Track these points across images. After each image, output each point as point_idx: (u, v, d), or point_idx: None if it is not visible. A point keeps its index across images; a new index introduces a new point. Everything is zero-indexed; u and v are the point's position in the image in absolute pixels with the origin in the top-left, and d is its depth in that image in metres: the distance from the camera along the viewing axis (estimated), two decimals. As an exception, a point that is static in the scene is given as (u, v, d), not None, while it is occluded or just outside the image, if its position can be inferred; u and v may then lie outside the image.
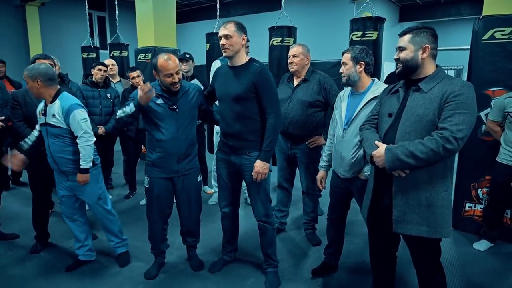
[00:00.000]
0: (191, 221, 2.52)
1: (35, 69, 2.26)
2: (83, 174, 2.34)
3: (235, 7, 9.94)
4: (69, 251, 2.81)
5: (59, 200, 2.52)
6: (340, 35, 7.50)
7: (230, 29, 2.14)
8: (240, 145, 2.26)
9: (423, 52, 1.63)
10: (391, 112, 1.72)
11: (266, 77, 2.18)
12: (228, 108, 2.24)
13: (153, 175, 2.36)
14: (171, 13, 5.54)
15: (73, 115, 2.26)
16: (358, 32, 3.58)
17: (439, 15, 9.97)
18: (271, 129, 2.19)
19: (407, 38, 1.66)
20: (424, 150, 1.53)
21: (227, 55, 2.21)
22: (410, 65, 1.65)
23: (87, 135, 2.31)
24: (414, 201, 1.64)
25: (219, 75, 2.34)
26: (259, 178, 2.23)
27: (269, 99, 2.19)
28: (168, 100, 2.27)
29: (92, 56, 6.60)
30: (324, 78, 2.77)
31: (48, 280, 2.46)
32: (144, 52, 5.37)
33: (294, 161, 2.95)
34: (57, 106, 2.29)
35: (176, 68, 2.20)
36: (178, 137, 2.28)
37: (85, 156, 2.31)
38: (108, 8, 10.30)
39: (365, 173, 2.10)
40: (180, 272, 2.56)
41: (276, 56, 4.34)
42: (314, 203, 3.03)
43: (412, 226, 1.64)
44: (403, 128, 1.64)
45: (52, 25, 8.95)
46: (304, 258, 2.79)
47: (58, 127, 2.29)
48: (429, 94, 1.60)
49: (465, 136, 1.53)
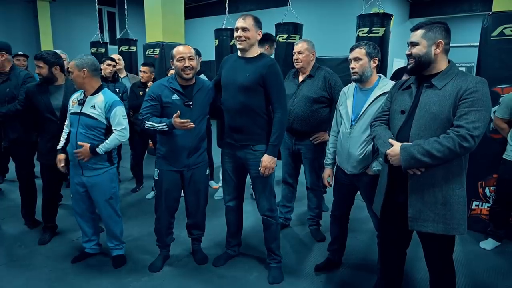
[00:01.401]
0: (199, 214, 2.55)
1: (83, 59, 2.32)
2: (90, 152, 2.30)
3: (244, 3, 9.93)
4: (76, 243, 2.86)
5: (71, 195, 2.55)
6: (348, 31, 7.43)
7: (248, 23, 2.16)
8: (244, 138, 2.27)
9: (436, 47, 1.61)
10: (403, 109, 1.70)
11: (276, 72, 2.19)
12: (232, 98, 2.24)
13: (163, 168, 2.39)
14: (179, 9, 5.56)
15: (116, 110, 2.33)
16: (364, 28, 3.55)
17: (450, 11, 9.81)
18: (278, 123, 2.20)
19: (420, 33, 1.64)
20: (440, 148, 1.51)
21: (242, 47, 2.21)
22: (423, 61, 1.63)
23: (125, 132, 2.38)
24: (430, 198, 1.62)
25: (227, 64, 2.35)
26: (266, 173, 2.24)
27: (277, 94, 2.20)
28: (183, 96, 2.30)
29: (101, 51, 6.66)
30: (329, 74, 2.76)
31: (55, 270, 2.51)
32: (153, 47, 5.40)
33: (298, 157, 2.96)
34: (100, 99, 2.34)
35: (188, 53, 2.25)
36: (191, 132, 2.30)
37: (107, 144, 2.33)
38: (118, 4, 10.38)
39: (374, 169, 2.09)
40: (185, 265, 2.60)
41: (282, 53, 4.33)
42: (319, 199, 3.03)
43: (429, 224, 1.63)
44: (417, 126, 1.62)
45: (63, 20, 9.06)
46: (308, 254, 2.80)
47: (95, 118, 2.32)
48: (443, 91, 1.58)
49: (481, 134, 1.51)
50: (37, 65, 2.65)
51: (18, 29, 8.19)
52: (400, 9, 9.63)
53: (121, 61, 4.54)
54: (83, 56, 2.37)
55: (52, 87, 2.70)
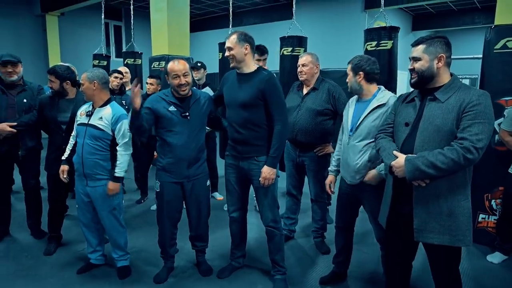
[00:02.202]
0: (201, 225, 2.55)
1: (94, 72, 2.40)
2: (115, 183, 2.39)
3: (248, 17, 10.09)
4: (81, 254, 2.87)
5: (77, 205, 2.57)
6: (351, 44, 7.53)
7: (231, 41, 2.22)
8: (247, 150, 2.31)
9: (438, 61, 1.64)
10: (408, 122, 1.73)
11: (274, 85, 2.23)
12: (235, 114, 2.30)
13: (163, 180, 2.40)
14: (184, 23, 5.65)
15: (122, 123, 2.38)
16: (372, 42, 3.57)
17: (453, 24, 9.91)
18: (278, 135, 2.24)
19: (421, 48, 1.66)
20: (444, 160, 1.53)
21: (232, 66, 2.29)
22: (426, 75, 1.66)
23: (128, 146, 2.43)
24: (435, 210, 1.63)
25: (228, 81, 2.40)
26: (266, 184, 2.26)
27: (277, 107, 2.24)
28: (180, 107, 2.32)
29: (103, 64, 6.75)
30: (333, 87, 2.80)
31: (60, 280, 2.52)
32: (158, 60, 5.48)
33: (302, 168, 2.97)
34: (108, 111, 2.39)
35: (182, 70, 2.25)
36: (189, 143, 2.33)
37: (122, 164, 2.39)
38: (124, 18, 10.57)
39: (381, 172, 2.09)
40: (189, 277, 2.59)
41: (287, 66, 4.37)
42: (323, 211, 3.02)
43: (434, 235, 1.64)
44: (421, 138, 1.64)
45: (70, 34, 9.24)
46: (313, 266, 2.79)
47: (101, 130, 2.37)
48: (446, 104, 1.61)
49: (484, 146, 1.53)
50: (50, 79, 2.73)
51: (27, 42, 8.36)
52: (403, 21, 9.74)
53: (128, 74, 4.61)
54: (94, 69, 2.45)
55: (63, 101, 2.76)
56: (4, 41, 8.22)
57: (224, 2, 9.29)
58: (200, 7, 10.08)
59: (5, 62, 2.83)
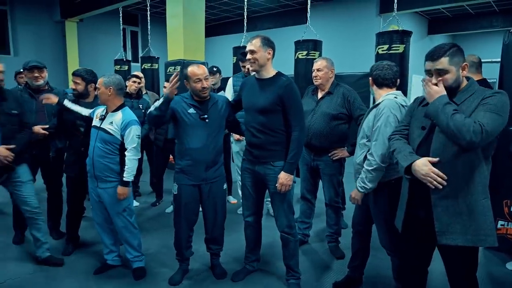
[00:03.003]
0: (217, 228, 2.57)
1: (111, 78, 2.48)
2: (124, 187, 2.44)
3: (262, 21, 10.14)
4: (97, 255, 2.92)
5: (91, 206, 2.63)
6: (366, 48, 7.48)
7: (255, 44, 2.23)
8: (264, 155, 2.32)
9: (463, 70, 1.64)
10: (424, 125, 1.72)
11: (293, 91, 2.24)
12: (253, 119, 2.31)
13: (182, 182, 2.43)
14: (200, 28, 5.73)
15: (131, 129, 2.43)
16: (384, 46, 3.57)
17: (470, 27, 9.74)
18: (295, 142, 2.24)
19: (446, 61, 1.62)
20: (459, 118, 1.51)
21: (252, 69, 2.30)
22: (455, 86, 1.65)
23: (136, 151, 2.47)
24: (455, 210, 1.62)
25: (246, 86, 2.42)
26: (283, 190, 2.26)
27: (295, 113, 2.24)
28: (199, 110, 2.36)
29: (124, 69, 6.90)
30: (348, 91, 2.79)
31: (78, 281, 2.57)
32: (174, 65, 5.56)
33: (317, 172, 2.96)
34: (118, 117, 2.45)
35: (204, 74, 2.31)
36: (207, 146, 2.36)
37: (129, 169, 2.44)
38: (140, 23, 10.77)
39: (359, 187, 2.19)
40: (204, 280, 2.61)
41: (301, 69, 4.39)
42: (337, 215, 3.01)
43: (457, 236, 1.62)
44: (437, 141, 1.63)
45: (89, 39, 9.45)
46: (327, 271, 2.77)
47: (111, 134, 2.44)
48: (461, 106, 1.60)
49: (490, 131, 1.50)
50: (75, 81, 2.82)
51: (47, 47, 8.59)
52: (419, 25, 9.63)
53: (143, 79, 4.70)
54: (111, 75, 2.52)
55: (82, 104, 2.83)
56: (26, 46, 8.48)
57: (239, 7, 9.37)
58: (214, 13, 10.19)
59: (32, 67, 2.93)
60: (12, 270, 2.69)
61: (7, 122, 2.46)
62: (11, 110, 2.50)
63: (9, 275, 2.61)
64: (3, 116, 2.44)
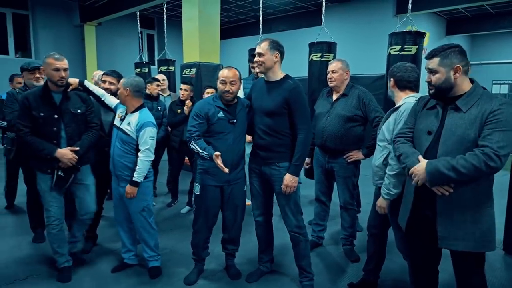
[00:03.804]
0: (235, 229, 2.60)
1: (130, 79, 2.54)
2: (132, 187, 2.47)
3: (276, 24, 10.16)
4: (114, 254, 2.98)
5: (114, 204, 2.70)
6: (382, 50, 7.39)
7: (262, 48, 2.27)
8: (270, 156, 2.36)
9: (455, 72, 1.63)
10: (430, 130, 1.71)
11: (299, 94, 2.27)
12: (260, 121, 2.36)
13: (205, 182, 2.46)
14: (215, 31, 5.79)
15: (145, 130, 2.47)
16: (396, 46, 3.53)
17: (489, 28, 9.52)
18: (301, 144, 2.28)
19: (436, 61, 1.65)
20: (465, 164, 1.52)
21: (260, 71, 2.35)
22: (444, 87, 1.65)
23: (149, 152, 2.49)
24: (460, 218, 1.63)
25: (256, 88, 2.46)
26: (288, 191, 2.30)
27: (300, 116, 2.27)
28: (228, 114, 2.39)
29: (145, 71, 7.02)
30: (364, 93, 2.78)
31: (95, 279, 2.63)
32: (189, 67, 5.64)
33: (332, 175, 2.95)
34: (135, 118, 2.50)
35: (230, 78, 2.33)
36: (233, 148, 2.40)
37: (140, 169, 2.47)
38: (157, 26, 10.94)
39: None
40: (219, 280, 2.63)
41: (316, 71, 4.38)
42: (353, 218, 2.99)
43: (458, 242, 1.64)
44: (443, 148, 1.63)
45: (107, 42, 9.66)
46: (342, 274, 2.76)
47: (128, 135, 2.50)
48: (468, 114, 1.59)
49: (507, 154, 1.51)
50: (109, 81, 2.88)
51: (67, 51, 8.79)
52: (437, 26, 9.48)
53: (165, 81, 4.81)
54: (132, 77, 2.57)
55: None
56: (46, 49, 8.70)
57: (253, 10, 9.42)
58: (230, 15, 10.27)
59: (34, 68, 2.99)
60: (33, 267, 2.78)
61: (72, 122, 2.46)
62: (77, 109, 2.49)
63: (31, 272, 2.69)
64: (67, 115, 2.44)
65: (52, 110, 2.40)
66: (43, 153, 2.36)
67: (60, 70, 2.36)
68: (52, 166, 2.39)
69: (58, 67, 2.35)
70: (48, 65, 2.36)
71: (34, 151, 2.39)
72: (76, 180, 2.53)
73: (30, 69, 2.97)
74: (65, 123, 2.43)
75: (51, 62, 2.35)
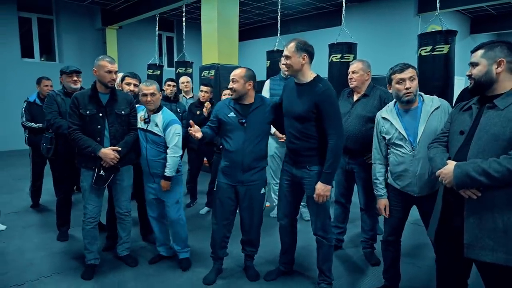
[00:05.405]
0: (252, 231, 2.60)
1: (157, 84, 2.66)
2: (166, 181, 2.63)
3: (295, 24, 10.11)
4: (134, 249, 3.03)
5: (147, 204, 2.82)
6: (403, 49, 7.27)
7: (289, 50, 2.23)
8: (300, 160, 2.34)
9: (498, 66, 1.54)
10: (463, 130, 1.63)
11: (329, 98, 2.20)
12: (290, 124, 2.34)
13: (220, 180, 2.53)
14: (234, 33, 5.82)
15: (171, 128, 2.59)
16: (427, 47, 3.39)
17: (516, 26, 9.19)
18: (332, 151, 2.20)
19: (480, 53, 1.59)
20: (499, 168, 1.42)
21: (288, 74, 2.33)
22: (484, 81, 1.57)
23: (177, 148, 2.61)
24: (489, 225, 1.51)
25: (287, 90, 2.42)
26: (320, 200, 2.25)
27: (331, 120, 2.19)
28: (239, 114, 2.40)
29: (157, 73, 7.11)
30: (385, 94, 2.73)
31: (115, 273, 2.70)
32: (208, 69, 5.68)
33: (352, 176, 2.91)
34: (160, 118, 2.63)
35: (232, 76, 2.40)
36: (244, 149, 2.40)
37: (170, 165, 2.59)
38: (176, 29, 11.09)
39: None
40: (237, 280, 2.64)
41: (336, 73, 4.33)
42: (373, 221, 2.94)
43: (487, 252, 1.51)
44: (475, 147, 1.54)
45: (127, 45, 9.85)
46: (362, 277, 2.71)
47: (158, 135, 2.61)
48: (506, 111, 1.50)
49: None
50: (134, 83, 3.02)
51: (89, 53, 9.04)
52: (461, 24, 9.22)
53: (189, 83, 4.86)
54: (150, 80, 2.68)
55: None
56: (70, 53, 8.97)
57: (272, 11, 9.41)
58: (248, 17, 10.29)
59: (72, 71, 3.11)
60: (57, 264, 2.85)
61: (116, 122, 2.57)
62: (121, 110, 2.59)
63: (55, 269, 2.77)
64: (112, 116, 2.55)
65: (98, 109, 2.52)
66: (88, 150, 2.48)
67: (112, 72, 2.51)
68: (96, 164, 2.52)
69: (110, 69, 2.51)
70: (101, 67, 2.51)
71: (79, 148, 2.51)
72: (115, 180, 2.65)
73: (68, 72, 3.13)
74: (109, 122, 2.55)
75: (104, 65, 2.50)
